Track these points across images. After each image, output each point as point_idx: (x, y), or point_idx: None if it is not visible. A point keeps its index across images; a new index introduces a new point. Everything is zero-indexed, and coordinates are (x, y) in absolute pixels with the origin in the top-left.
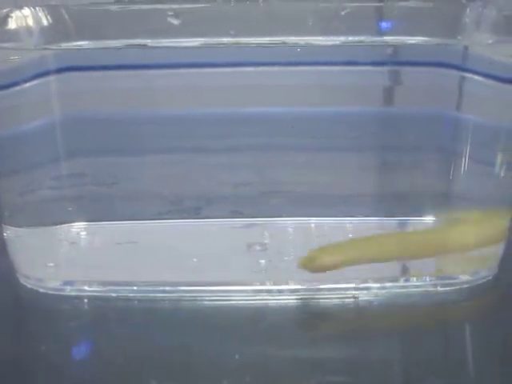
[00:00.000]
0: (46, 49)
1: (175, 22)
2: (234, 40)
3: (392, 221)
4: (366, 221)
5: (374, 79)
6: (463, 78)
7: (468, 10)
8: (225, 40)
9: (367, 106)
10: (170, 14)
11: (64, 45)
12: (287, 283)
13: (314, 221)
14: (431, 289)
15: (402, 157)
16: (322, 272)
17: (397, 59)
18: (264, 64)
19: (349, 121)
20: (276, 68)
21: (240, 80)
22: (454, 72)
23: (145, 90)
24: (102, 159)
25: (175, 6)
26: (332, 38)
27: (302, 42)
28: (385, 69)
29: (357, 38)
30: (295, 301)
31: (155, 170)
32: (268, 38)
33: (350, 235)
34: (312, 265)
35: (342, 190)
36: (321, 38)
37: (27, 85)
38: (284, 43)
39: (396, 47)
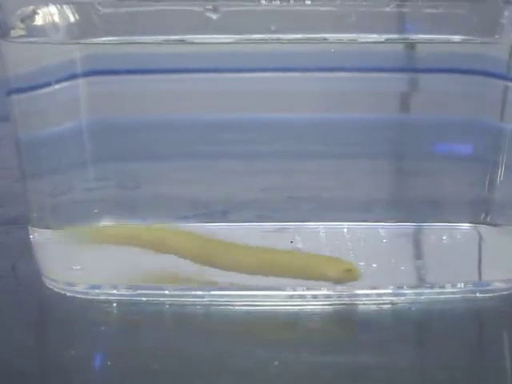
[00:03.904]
0: (72, 43)
1: (213, 16)
2: (275, 36)
3: (425, 227)
4: (399, 226)
5: (415, 86)
6: (506, 87)
7: (505, 12)
8: (266, 36)
9: (399, 112)
10: (208, 7)
11: (93, 40)
12: (321, 289)
13: (346, 225)
14: (470, 295)
15: (437, 164)
16: None
17: (440, 66)
18: (284, 70)
19: (376, 127)
20: (296, 74)
21: (260, 86)
22: (496, 81)
23: (170, 94)
24: (126, 163)
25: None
26: (372, 35)
27: (345, 39)
28: (426, 76)
29: (399, 36)
30: (330, 306)
31: (180, 175)
32: (308, 35)
33: (384, 240)
34: None
35: (371, 195)
36: (361, 35)
37: (56, 87)
38: (325, 39)
39: (440, 55)
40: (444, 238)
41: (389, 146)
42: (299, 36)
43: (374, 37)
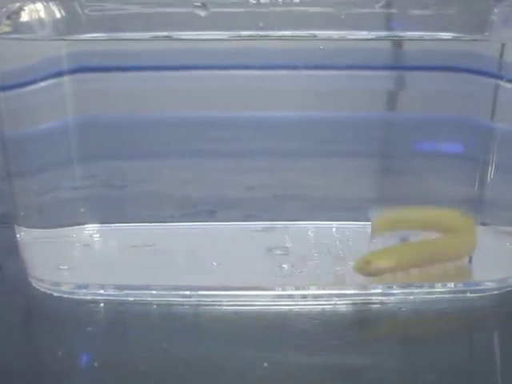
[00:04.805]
0: (57, 39)
1: (202, 13)
2: (263, 33)
3: None
4: None
5: (406, 84)
6: (497, 85)
7: (495, 9)
8: (254, 33)
9: (389, 111)
10: (196, 4)
11: (80, 36)
12: (309, 288)
13: (335, 225)
14: (460, 295)
15: (427, 162)
16: (376, 275)
17: (431, 65)
18: (272, 68)
19: (366, 125)
20: (284, 72)
21: (248, 84)
22: (487, 79)
23: (157, 92)
24: (113, 162)
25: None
26: (362, 33)
27: (335, 36)
28: (417, 74)
29: (389, 33)
30: (319, 306)
31: (167, 173)
32: (298, 32)
33: (374, 240)
34: (368, 268)
35: (360, 194)
36: (353, 32)
37: (43, 85)
38: (314, 36)
39: (431, 54)
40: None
41: (378, 144)
42: (288, 33)
43: (364, 34)
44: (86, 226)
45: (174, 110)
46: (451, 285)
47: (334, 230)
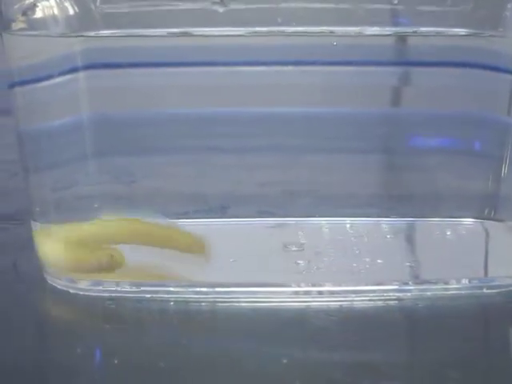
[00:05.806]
0: (73, 36)
1: (220, 9)
2: (281, 29)
3: (428, 222)
4: (402, 221)
5: (421, 80)
6: None
7: (508, 5)
8: (272, 29)
9: (403, 106)
10: (214, 1)
11: (98, 33)
12: (325, 285)
13: (348, 221)
14: (477, 291)
15: (441, 158)
16: None
17: (447, 60)
18: (278, 64)
19: (379, 121)
20: (289, 68)
21: (256, 79)
22: (503, 75)
23: (171, 88)
24: (126, 158)
25: None
26: (377, 28)
27: (352, 33)
28: (432, 70)
29: (404, 29)
30: (336, 303)
31: (180, 170)
32: (314, 28)
33: (388, 236)
34: None
35: (373, 190)
36: (367, 27)
37: (57, 80)
38: (332, 32)
39: (446, 49)
40: (448, 233)
41: (391, 140)
42: (302, 29)
43: (379, 30)
44: None
45: (188, 107)
46: (466, 281)
47: (347, 226)
